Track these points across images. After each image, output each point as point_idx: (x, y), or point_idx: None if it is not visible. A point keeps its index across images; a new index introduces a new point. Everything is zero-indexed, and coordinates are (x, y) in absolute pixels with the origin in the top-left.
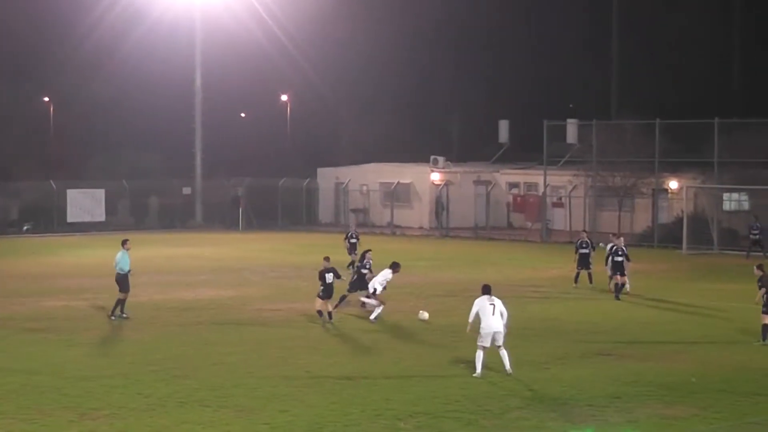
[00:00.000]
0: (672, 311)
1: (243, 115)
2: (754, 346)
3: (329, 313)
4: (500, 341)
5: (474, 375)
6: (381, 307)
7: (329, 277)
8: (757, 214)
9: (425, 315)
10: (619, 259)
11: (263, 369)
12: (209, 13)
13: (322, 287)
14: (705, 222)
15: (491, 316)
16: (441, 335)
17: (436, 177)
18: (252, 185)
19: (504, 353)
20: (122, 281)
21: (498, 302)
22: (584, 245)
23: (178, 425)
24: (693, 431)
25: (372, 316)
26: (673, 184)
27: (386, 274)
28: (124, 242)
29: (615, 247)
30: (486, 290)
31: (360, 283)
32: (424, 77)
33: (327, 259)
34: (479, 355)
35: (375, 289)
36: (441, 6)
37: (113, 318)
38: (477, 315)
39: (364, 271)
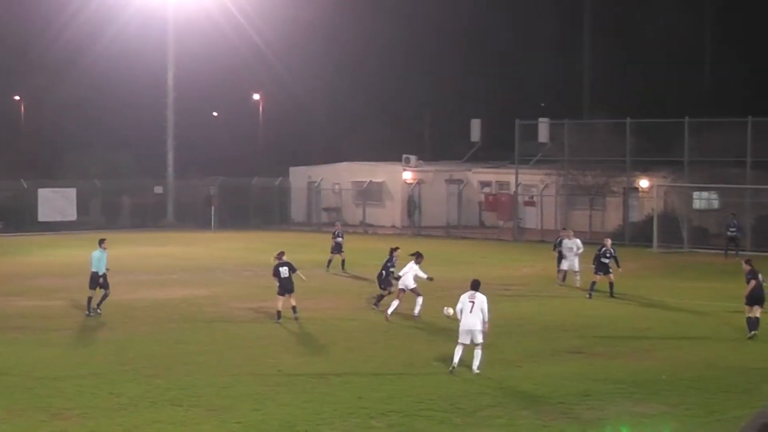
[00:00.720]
0: (642, 309)
1: (215, 114)
2: (724, 343)
3: (293, 307)
4: (477, 339)
5: (449, 369)
6: (397, 303)
7: (284, 271)
8: (734, 212)
9: (450, 311)
10: (606, 261)
11: (235, 368)
12: (181, 12)
13: (278, 284)
14: (675, 220)
15: (469, 313)
16: (413, 333)
17: (408, 176)
18: (224, 184)
19: (477, 353)
20: (97, 280)
21: (479, 300)
22: (562, 244)
23: (150, 424)
24: (663, 428)
25: (389, 310)
26: (643, 183)
27: (413, 267)
28: (101, 242)
29: (604, 249)
30: (473, 286)
31: (389, 280)
32: (397, 76)
33: (279, 255)
34: (457, 350)
35: (404, 287)
36: (414, 6)
37: (90, 314)
38: (461, 311)
39: (392, 269)
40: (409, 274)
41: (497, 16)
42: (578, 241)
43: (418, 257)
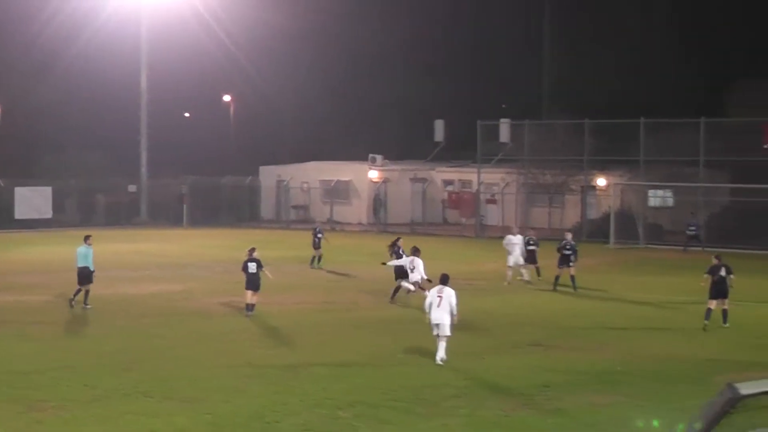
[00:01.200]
0: (600, 303)
1: (187, 115)
2: (679, 335)
3: (251, 305)
4: (444, 332)
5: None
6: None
7: (251, 266)
8: (693, 211)
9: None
10: (567, 253)
11: (207, 361)
12: (154, 16)
13: (246, 278)
14: (631, 217)
15: (437, 308)
16: (380, 327)
17: (374, 175)
18: (196, 183)
19: (442, 345)
20: (86, 275)
21: (447, 294)
22: (531, 242)
23: (123, 416)
24: (618, 417)
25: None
26: (601, 182)
27: (418, 262)
28: (86, 238)
29: (564, 242)
30: (442, 280)
31: (402, 270)
32: (363, 78)
33: (251, 250)
34: (437, 342)
35: (418, 281)
36: (379, 10)
37: (73, 305)
38: (430, 304)
39: (403, 260)
40: (420, 269)
41: (460, 20)
42: (521, 236)
43: (416, 252)
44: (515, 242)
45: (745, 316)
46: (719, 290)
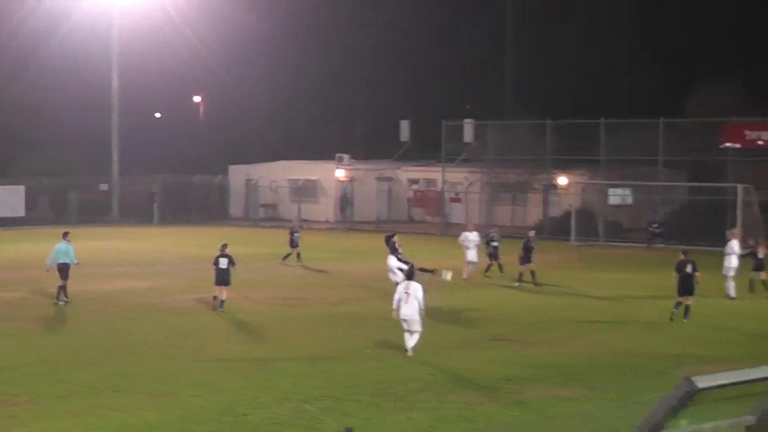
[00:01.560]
0: (562, 298)
1: (158, 115)
2: (639, 330)
3: (221, 301)
4: (413, 327)
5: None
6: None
7: (222, 262)
8: (655, 209)
9: (449, 275)
10: (530, 250)
11: (177, 355)
12: (126, 18)
13: (216, 273)
14: (592, 215)
15: (405, 303)
16: (347, 322)
17: (341, 174)
18: (167, 182)
19: (415, 337)
20: (65, 270)
21: (414, 289)
22: (494, 239)
23: (94, 410)
24: (580, 410)
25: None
26: (562, 180)
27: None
28: (65, 234)
29: (527, 240)
30: (408, 275)
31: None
32: (331, 79)
33: (223, 246)
34: (405, 337)
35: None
36: (346, 10)
37: (59, 303)
38: (398, 300)
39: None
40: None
41: (425, 22)
42: (477, 233)
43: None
44: (471, 239)
45: (704, 312)
46: (685, 287)
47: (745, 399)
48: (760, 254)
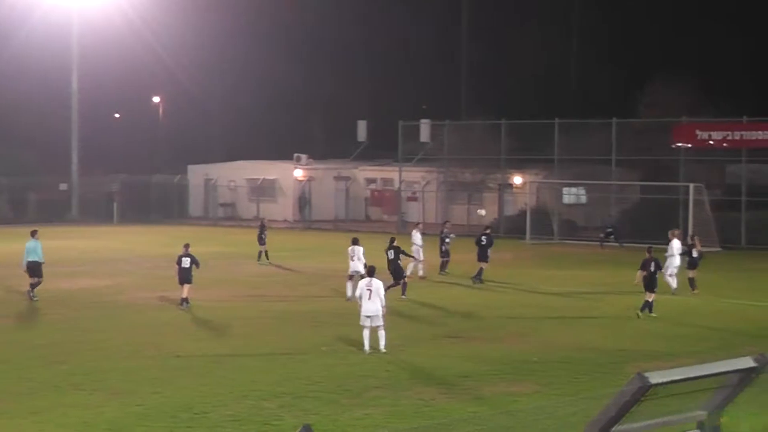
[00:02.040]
0: (518, 295)
1: (117, 115)
2: (592, 326)
3: (184, 299)
4: (377, 323)
5: (364, 351)
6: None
7: (185, 261)
8: (610, 213)
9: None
10: (484, 243)
11: (136, 353)
12: (85, 18)
13: (179, 272)
14: (546, 214)
15: (367, 300)
16: (305, 320)
17: (299, 173)
18: (126, 181)
19: (381, 334)
20: (36, 268)
21: (375, 286)
22: (447, 237)
23: (55, 408)
24: (535, 406)
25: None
26: (517, 180)
27: (359, 251)
28: (33, 233)
29: (482, 236)
30: (369, 272)
31: (395, 266)
32: (289, 80)
33: (186, 246)
34: (365, 334)
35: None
36: (305, 10)
37: (35, 298)
38: (360, 297)
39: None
40: (356, 258)
41: (382, 22)
42: (419, 234)
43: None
44: (414, 240)
45: (654, 309)
46: (648, 283)
47: (696, 394)
48: (695, 253)
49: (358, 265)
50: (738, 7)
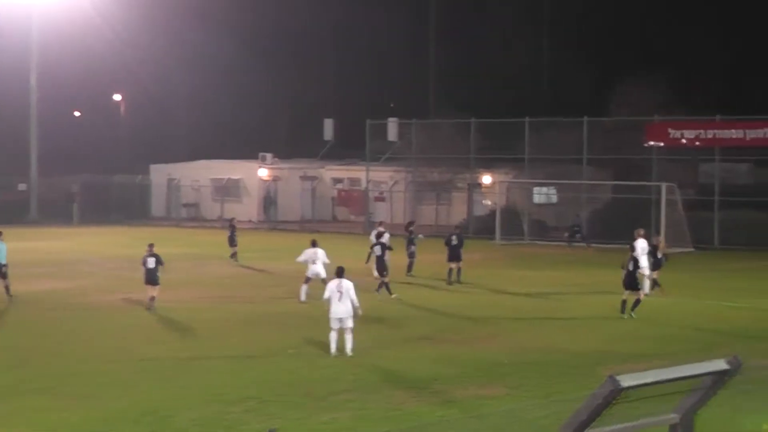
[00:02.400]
0: (487, 297)
1: (78, 114)
2: (563, 328)
3: (151, 297)
4: (347, 325)
5: (331, 354)
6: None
7: (150, 261)
8: (578, 212)
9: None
10: (454, 244)
11: (100, 357)
12: (45, 15)
13: (144, 273)
14: (516, 214)
15: (338, 302)
16: (272, 322)
17: (264, 173)
18: (87, 181)
19: (348, 337)
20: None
21: (346, 287)
22: (414, 238)
23: (19, 413)
24: (505, 409)
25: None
26: (486, 179)
27: (321, 254)
28: None
29: (452, 236)
30: (338, 273)
31: (381, 262)
32: (253, 78)
33: (150, 246)
34: (331, 337)
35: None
36: (269, 7)
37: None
38: (329, 299)
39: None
40: (319, 262)
41: (349, 19)
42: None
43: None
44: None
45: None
46: (628, 282)
47: (669, 397)
48: (659, 254)
49: (319, 269)
50: (711, 5)
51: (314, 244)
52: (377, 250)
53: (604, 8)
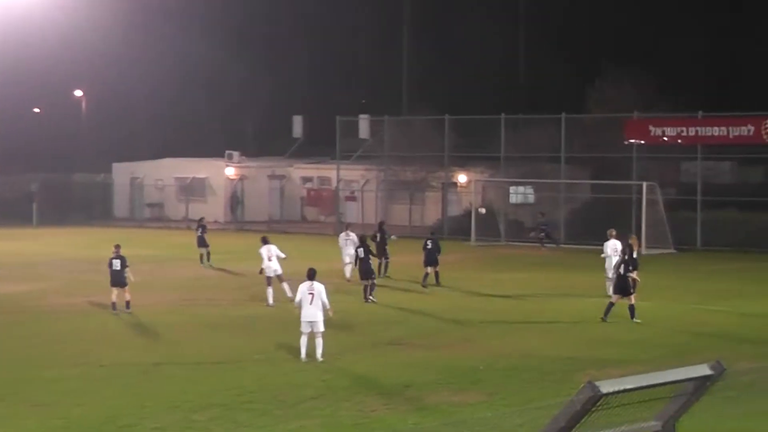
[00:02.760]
0: (462, 300)
1: (37, 110)
2: (540, 333)
3: (123, 302)
4: (318, 329)
5: (301, 359)
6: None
7: (116, 263)
8: (543, 211)
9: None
10: (429, 247)
11: (59, 363)
12: (2, 8)
13: (110, 275)
14: (493, 214)
15: (309, 305)
16: (237, 325)
17: (231, 171)
18: (46, 181)
19: (319, 342)
20: None
21: (317, 290)
22: (381, 237)
23: None
24: (480, 416)
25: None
26: (461, 178)
27: (274, 249)
28: None
29: (427, 240)
30: (309, 275)
31: (366, 265)
32: (219, 73)
33: (116, 247)
34: (302, 341)
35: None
36: (237, 3)
37: None
38: (300, 302)
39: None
40: (274, 258)
41: (319, 14)
42: (354, 234)
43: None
44: (348, 239)
45: (601, 313)
46: (621, 286)
47: (651, 403)
48: (634, 254)
49: (275, 265)
50: (691, 1)
51: (265, 241)
52: (361, 253)
53: (582, 3)
